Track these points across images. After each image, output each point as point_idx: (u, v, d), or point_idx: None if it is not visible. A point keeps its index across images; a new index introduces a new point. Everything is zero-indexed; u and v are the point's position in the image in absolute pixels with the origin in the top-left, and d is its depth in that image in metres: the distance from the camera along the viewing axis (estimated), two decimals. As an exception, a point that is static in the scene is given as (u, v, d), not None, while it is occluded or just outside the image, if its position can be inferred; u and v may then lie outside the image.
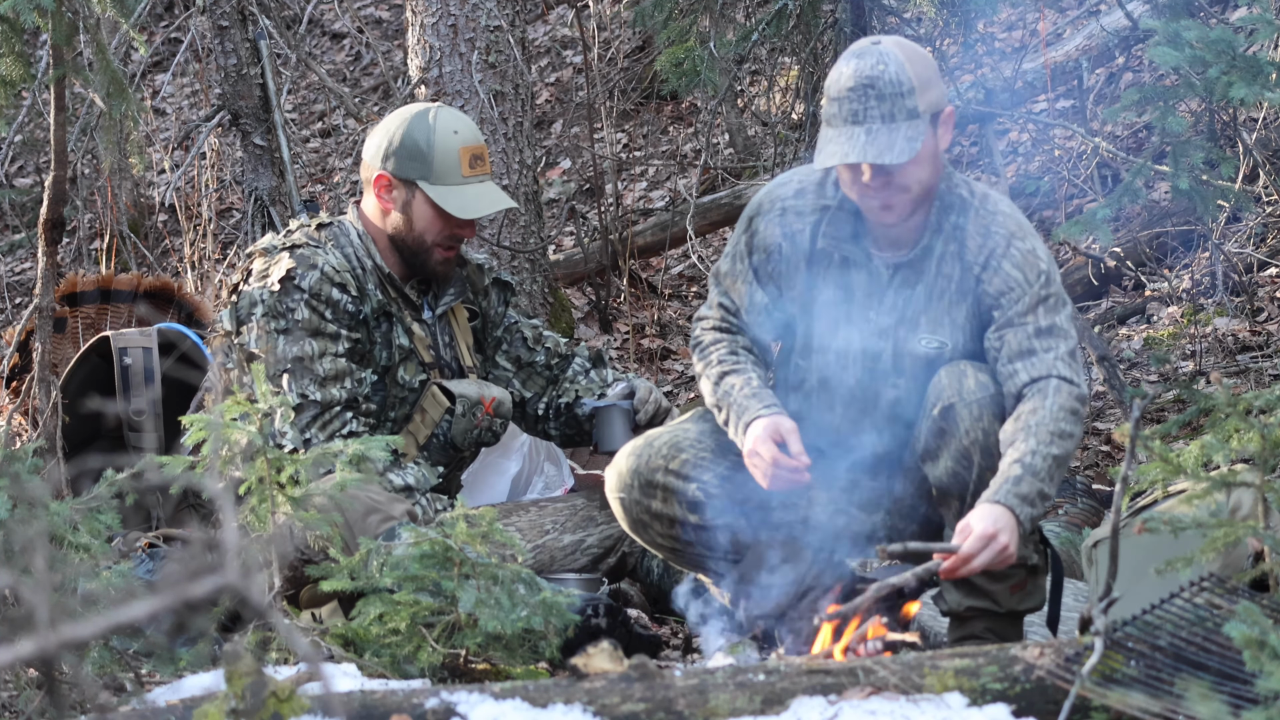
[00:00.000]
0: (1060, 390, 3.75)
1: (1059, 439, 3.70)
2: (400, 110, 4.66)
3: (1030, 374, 3.78)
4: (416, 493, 4.40)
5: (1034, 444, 3.69)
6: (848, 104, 3.73)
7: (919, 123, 3.73)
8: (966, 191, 3.91)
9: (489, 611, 3.49)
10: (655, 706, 2.89)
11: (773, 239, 3.96)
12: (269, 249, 4.51)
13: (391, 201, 4.54)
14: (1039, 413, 3.72)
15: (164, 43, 9.93)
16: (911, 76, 3.73)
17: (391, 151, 4.52)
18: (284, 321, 4.41)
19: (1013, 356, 3.81)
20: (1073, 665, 2.88)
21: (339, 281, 4.44)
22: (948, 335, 3.89)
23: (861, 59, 3.75)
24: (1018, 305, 3.83)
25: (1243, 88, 4.64)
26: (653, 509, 4.01)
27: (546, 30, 9.64)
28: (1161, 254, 6.85)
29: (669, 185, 8.26)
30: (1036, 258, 3.86)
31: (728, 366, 3.97)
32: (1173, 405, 5.86)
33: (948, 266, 3.88)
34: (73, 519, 3.40)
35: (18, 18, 4.46)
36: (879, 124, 3.71)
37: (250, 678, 2.51)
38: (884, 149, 3.70)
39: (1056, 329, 3.82)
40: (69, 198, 6.69)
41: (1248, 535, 3.21)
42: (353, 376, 4.44)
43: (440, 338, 4.65)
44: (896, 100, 3.72)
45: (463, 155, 4.52)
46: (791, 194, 3.97)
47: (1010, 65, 6.93)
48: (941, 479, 3.85)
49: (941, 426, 3.83)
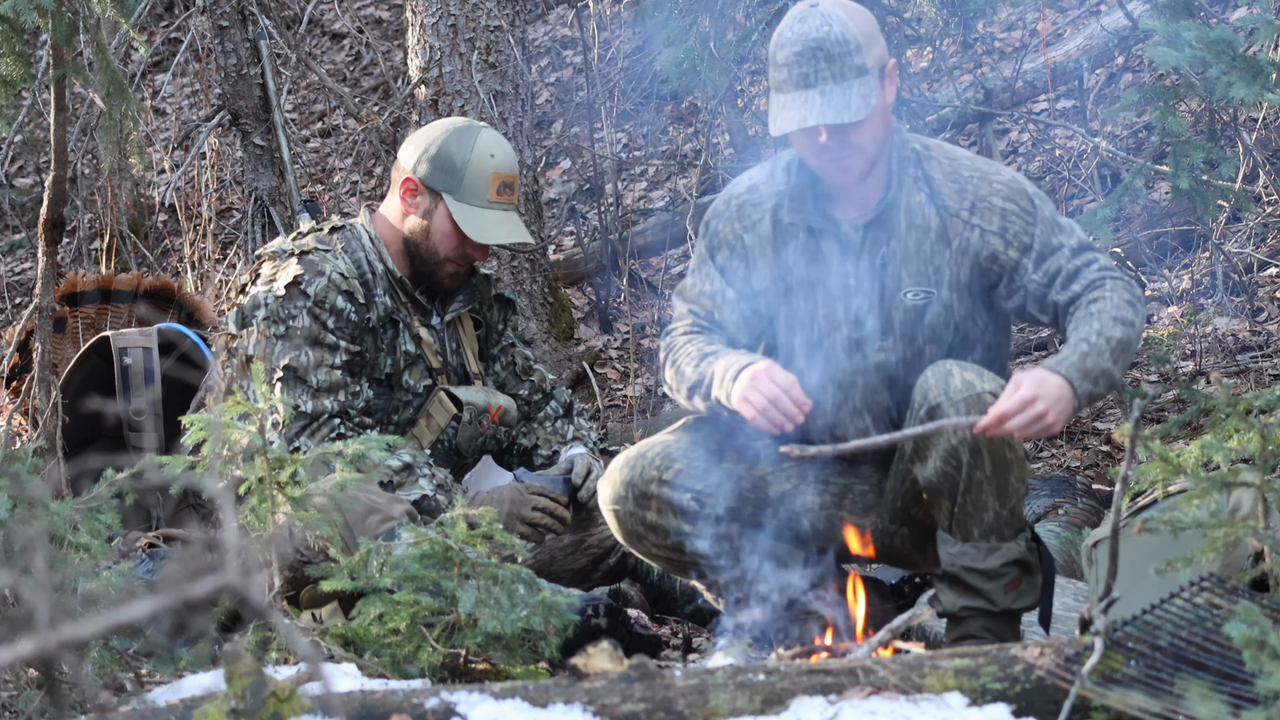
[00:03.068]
0: (1117, 285, 3.81)
1: (1122, 324, 3.75)
2: (446, 120, 4.69)
3: (1084, 284, 3.83)
4: (415, 469, 4.42)
5: (1099, 325, 3.74)
6: (797, 68, 3.74)
7: (869, 78, 3.76)
8: (919, 144, 3.94)
9: (489, 611, 3.49)
10: (655, 706, 2.89)
11: (733, 234, 3.97)
12: (278, 252, 4.51)
13: (414, 206, 4.55)
14: (1100, 301, 3.79)
15: (164, 43, 9.93)
16: (856, 34, 3.75)
17: (426, 158, 4.55)
18: (283, 328, 4.42)
19: (1065, 283, 3.84)
20: (1073, 665, 2.89)
21: (346, 289, 4.45)
22: (931, 284, 3.89)
23: (804, 21, 3.76)
24: (1034, 236, 3.86)
25: (1243, 88, 4.64)
26: (647, 520, 4.00)
27: (546, 30, 9.64)
28: (1161, 254, 6.85)
29: (669, 185, 8.25)
30: (1019, 184, 3.91)
31: (707, 350, 3.91)
32: (1173, 405, 5.85)
33: (919, 216, 3.89)
34: (73, 519, 3.40)
35: (18, 18, 4.46)
36: (831, 84, 3.73)
37: (250, 678, 2.51)
38: (840, 109, 3.72)
39: (1084, 245, 3.87)
40: (69, 198, 6.70)
41: (1248, 535, 3.21)
42: (347, 389, 4.45)
43: (448, 344, 4.66)
44: (845, 59, 3.74)
45: (493, 180, 4.54)
46: (744, 189, 3.99)
47: (1010, 65, 6.93)
48: (931, 479, 3.85)
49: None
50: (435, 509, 4.38)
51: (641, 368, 6.93)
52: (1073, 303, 3.83)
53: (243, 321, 4.48)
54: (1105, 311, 3.76)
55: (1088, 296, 3.82)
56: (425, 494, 4.42)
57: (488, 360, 4.80)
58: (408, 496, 4.40)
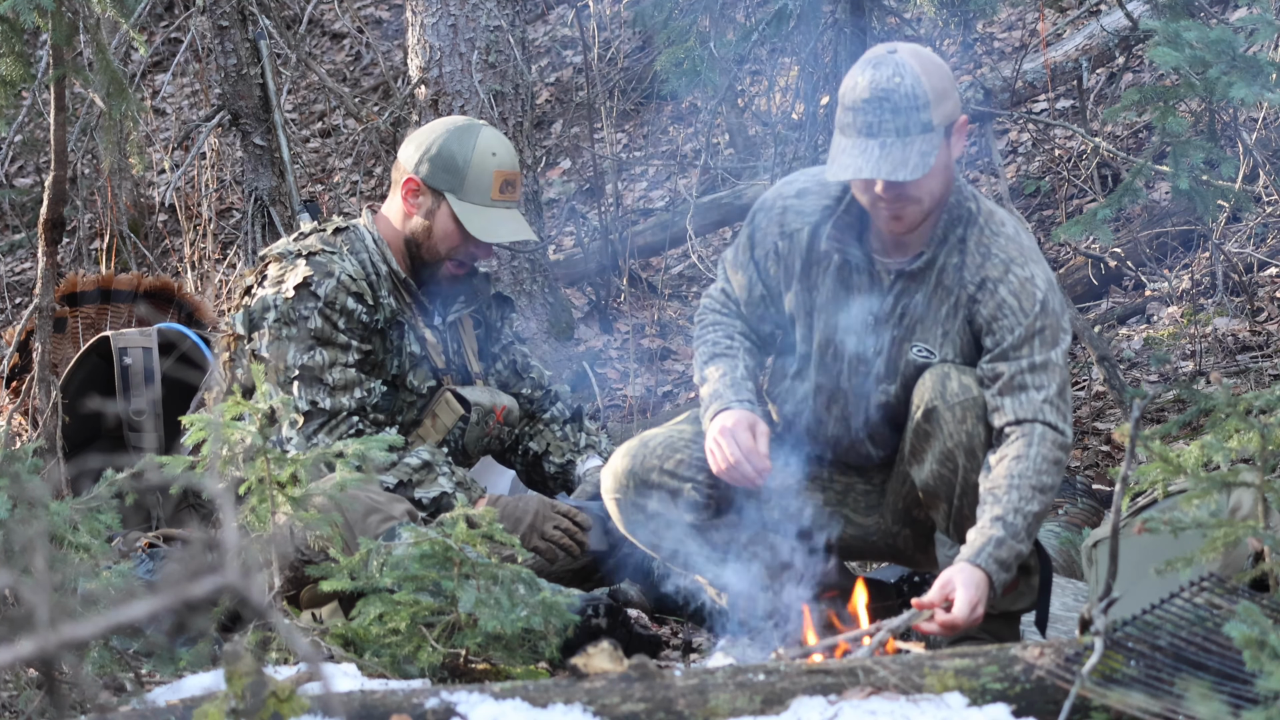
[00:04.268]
0: (1045, 438, 3.74)
1: (1039, 494, 3.71)
2: (445, 119, 4.68)
3: (1017, 414, 3.76)
4: (435, 467, 4.42)
5: (1016, 499, 3.69)
6: (862, 115, 3.69)
7: (933, 136, 3.69)
8: (975, 205, 3.87)
9: (489, 611, 3.49)
10: (655, 706, 2.89)
11: (770, 237, 3.97)
12: (284, 254, 4.50)
13: (416, 207, 4.54)
14: (1022, 462, 3.72)
15: (164, 43, 9.93)
16: (927, 89, 3.68)
17: (427, 158, 4.54)
18: (295, 329, 4.42)
19: (1003, 390, 3.78)
20: (1073, 665, 2.89)
21: (355, 291, 4.45)
22: (938, 347, 3.88)
23: (878, 69, 3.70)
24: (1011, 336, 3.80)
25: (1243, 88, 4.64)
26: (648, 510, 4.01)
27: (546, 30, 9.64)
28: (1161, 254, 6.85)
29: (669, 185, 8.25)
30: (1034, 286, 3.82)
31: (720, 350, 3.99)
32: (1173, 405, 5.85)
33: (948, 279, 3.86)
34: (73, 519, 3.40)
35: (18, 18, 4.46)
36: (893, 137, 3.67)
37: (250, 678, 2.51)
38: (898, 164, 3.67)
39: (1050, 365, 3.79)
40: (69, 198, 6.69)
41: (1248, 535, 3.21)
42: (362, 386, 4.45)
43: (450, 344, 4.66)
44: (911, 114, 3.67)
45: (496, 178, 4.53)
46: (794, 193, 3.97)
47: (1010, 65, 6.93)
48: (927, 481, 3.85)
49: (925, 429, 3.83)
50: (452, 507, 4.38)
51: (641, 368, 6.93)
52: (999, 425, 3.78)
53: (251, 324, 4.47)
54: (1025, 477, 3.71)
55: (1013, 444, 3.74)
56: (445, 491, 4.42)
57: (488, 359, 4.80)
58: (427, 495, 4.40)
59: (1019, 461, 3.72)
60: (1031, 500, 3.70)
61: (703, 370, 3.98)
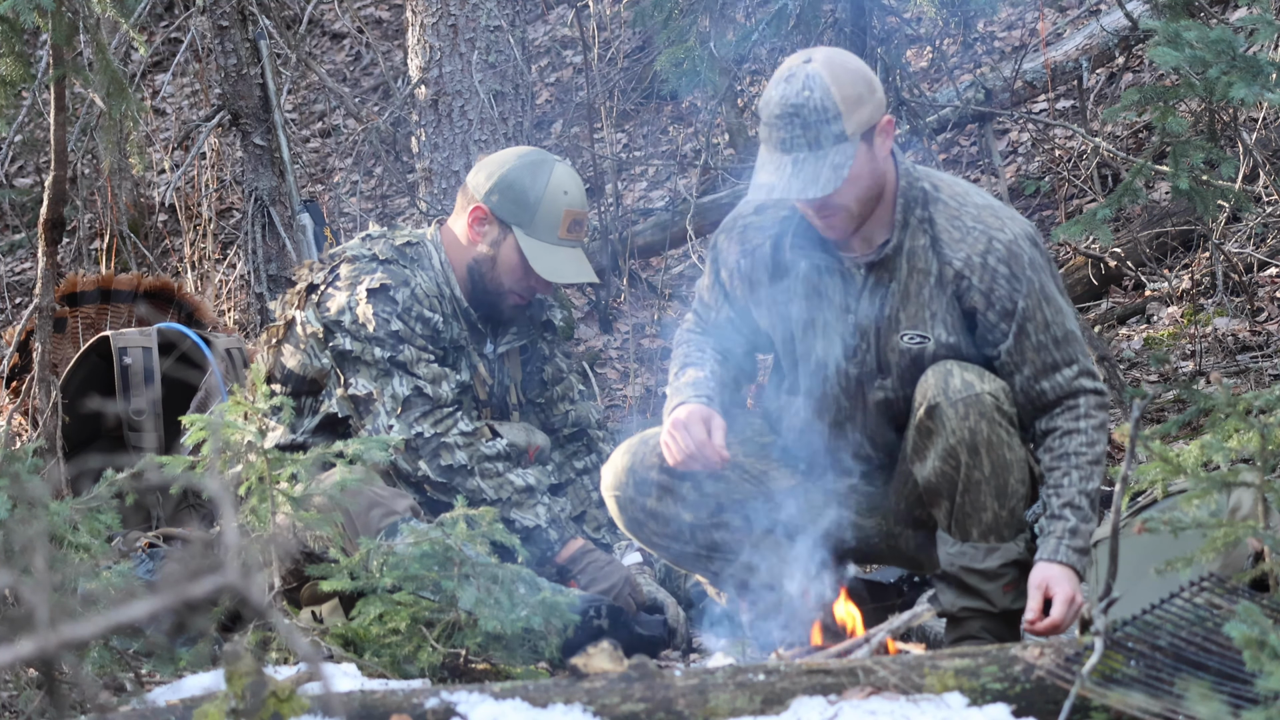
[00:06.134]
0: (1089, 405, 3.83)
1: (1095, 466, 3.81)
2: (518, 149, 4.62)
3: (1058, 392, 3.83)
4: (536, 494, 4.41)
5: (1077, 480, 3.79)
6: (775, 131, 3.72)
7: (847, 146, 3.70)
8: (929, 184, 3.88)
9: (489, 611, 3.49)
10: (655, 706, 2.89)
11: (733, 257, 3.98)
12: (358, 257, 4.45)
13: (481, 235, 4.49)
14: (1076, 437, 3.81)
15: (164, 43, 9.93)
16: (838, 101, 3.69)
17: (498, 188, 4.48)
18: (376, 329, 4.37)
19: (1037, 374, 3.83)
20: (1073, 665, 2.89)
21: (429, 306, 4.42)
22: (928, 329, 3.88)
23: (789, 84, 3.72)
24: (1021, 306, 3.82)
25: (1243, 88, 4.64)
26: (648, 507, 4.01)
27: (546, 30, 9.64)
28: (1161, 254, 6.85)
29: (669, 185, 8.26)
30: (1019, 245, 3.84)
31: (690, 360, 4.00)
32: (1173, 405, 5.85)
33: (921, 260, 3.86)
34: (73, 519, 3.40)
35: (18, 18, 4.46)
36: (805, 152, 3.69)
37: (250, 678, 2.51)
38: (808, 182, 3.69)
39: (1064, 327, 3.84)
40: (69, 198, 6.70)
41: (1248, 535, 3.21)
42: (448, 380, 4.42)
43: (497, 375, 4.62)
44: (822, 127, 3.69)
45: (565, 217, 4.48)
46: (751, 211, 3.99)
47: (1010, 65, 6.93)
48: (930, 478, 3.85)
49: (928, 425, 3.83)
50: (543, 542, 4.38)
51: (641, 368, 6.93)
52: (1045, 412, 3.83)
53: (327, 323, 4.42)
54: (1081, 454, 3.80)
55: (1064, 424, 3.82)
56: (540, 525, 4.41)
57: (532, 388, 4.74)
58: (522, 520, 4.38)
59: (1072, 438, 3.81)
60: (1091, 477, 3.80)
61: (673, 382, 3.98)
